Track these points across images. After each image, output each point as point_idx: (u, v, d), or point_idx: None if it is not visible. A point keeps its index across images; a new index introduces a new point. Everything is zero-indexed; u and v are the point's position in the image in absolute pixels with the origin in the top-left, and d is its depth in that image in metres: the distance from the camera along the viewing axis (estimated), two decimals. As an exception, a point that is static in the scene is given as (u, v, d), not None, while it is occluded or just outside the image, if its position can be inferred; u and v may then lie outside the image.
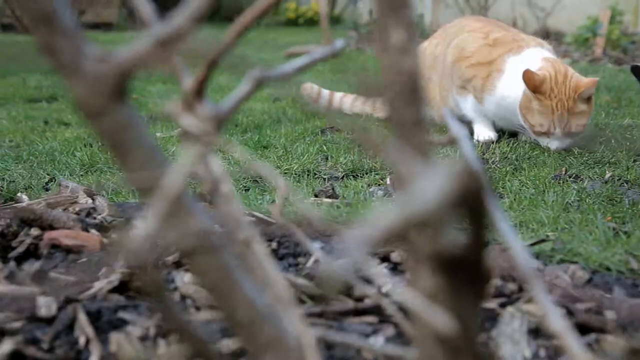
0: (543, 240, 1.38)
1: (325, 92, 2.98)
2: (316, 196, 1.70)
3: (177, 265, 1.22)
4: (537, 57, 2.24)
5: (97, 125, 0.58)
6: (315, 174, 2.02)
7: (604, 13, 5.17)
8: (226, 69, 0.64)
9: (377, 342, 1.05)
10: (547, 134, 2.18)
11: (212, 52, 0.76)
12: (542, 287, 0.67)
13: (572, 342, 0.63)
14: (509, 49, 2.28)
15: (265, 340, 0.60)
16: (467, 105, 2.40)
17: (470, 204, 0.44)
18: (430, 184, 0.37)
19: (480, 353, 0.54)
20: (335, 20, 10.91)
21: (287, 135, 2.50)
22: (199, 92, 0.75)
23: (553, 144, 2.19)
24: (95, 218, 1.42)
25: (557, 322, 0.65)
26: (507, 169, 2.03)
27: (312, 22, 11.10)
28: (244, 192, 1.83)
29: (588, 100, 2.17)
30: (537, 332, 1.11)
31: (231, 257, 0.62)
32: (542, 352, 1.05)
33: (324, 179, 1.98)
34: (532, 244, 1.37)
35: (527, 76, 2.11)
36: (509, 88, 2.24)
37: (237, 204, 0.69)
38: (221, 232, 0.62)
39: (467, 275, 0.52)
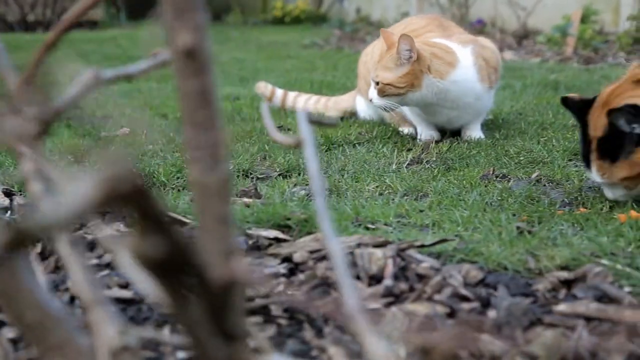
0: (444, 240, 1.40)
1: (279, 92, 2.99)
2: (237, 196, 1.72)
3: None
4: None
5: None
6: (250, 173, 2.04)
7: (575, 13, 5.18)
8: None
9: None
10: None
11: (36, 52, 0.77)
12: (352, 288, 0.69)
13: (372, 343, 0.64)
14: None
15: (55, 342, 0.61)
16: (405, 107, 2.42)
17: (132, 204, 0.45)
18: (77, 189, 0.38)
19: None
20: (321, 19, 10.91)
21: (234, 134, 2.51)
22: (25, 92, 0.76)
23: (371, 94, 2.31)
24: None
25: (361, 324, 0.67)
26: (440, 168, 2.04)
27: (298, 20, 11.08)
28: (176, 191, 1.84)
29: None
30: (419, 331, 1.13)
31: (25, 260, 0.63)
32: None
33: (258, 178, 2.00)
34: (433, 244, 1.38)
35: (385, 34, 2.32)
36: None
37: (48, 203, 0.70)
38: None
39: (179, 278, 0.53)
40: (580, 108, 1.69)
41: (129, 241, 0.48)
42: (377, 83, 2.27)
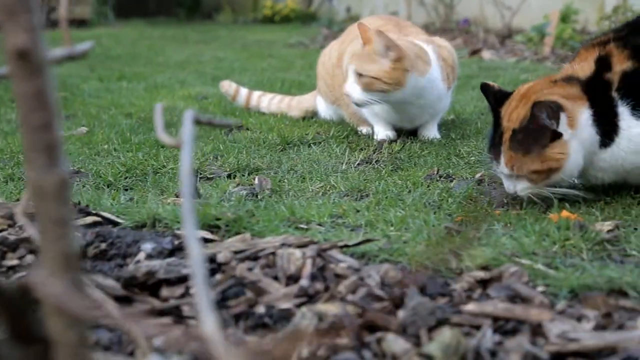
0: (369, 240, 1.41)
1: (244, 91, 3.00)
2: (177, 196, 1.72)
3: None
4: None
5: None
6: (199, 173, 2.04)
7: (553, 13, 5.19)
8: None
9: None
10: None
11: None
12: (206, 293, 0.69)
13: (219, 346, 0.65)
14: None
15: None
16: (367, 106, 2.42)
17: None
18: None
19: None
20: (310, 18, 10.91)
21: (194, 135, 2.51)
22: None
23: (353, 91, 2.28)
24: None
25: (209, 326, 0.68)
26: (388, 168, 2.05)
27: (287, 19, 11.09)
28: (117, 191, 1.85)
29: (397, 61, 2.23)
30: (327, 331, 1.14)
31: None
32: (321, 351, 1.07)
33: (208, 178, 2.01)
34: (357, 244, 1.39)
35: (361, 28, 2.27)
36: None
37: None
38: None
39: None
40: (496, 98, 1.71)
41: None
42: (360, 75, 2.25)
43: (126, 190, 1.89)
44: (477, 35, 6.83)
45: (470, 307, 1.17)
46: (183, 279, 1.25)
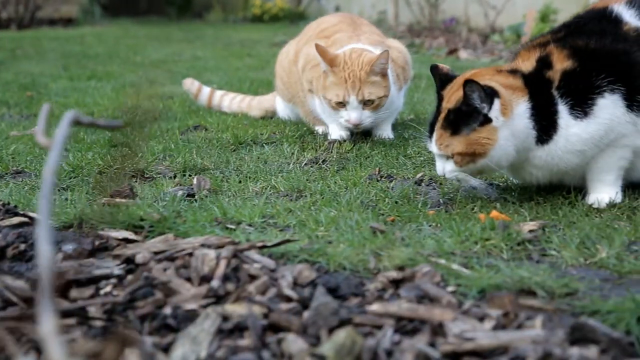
0: (288, 241, 1.41)
1: (206, 89, 3.00)
2: (111, 196, 1.72)
3: None
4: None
5: None
6: (144, 173, 2.04)
7: (529, 12, 5.20)
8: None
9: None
10: (342, 103, 2.25)
11: None
12: (48, 297, 0.70)
13: (54, 349, 0.65)
14: (340, 47, 2.32)
15: None
16: (317, 106, 2.43)
17: None
18: None
19: None
20: (299, 17, 10.90)
21: (149, 134, 2.51)
22: None
23: (352, 115, 2.25)
24: None
25: (46, 328, 0.68)
26: (334, 168, 2.05)
27: (277, 18, 11.09)
28: (58, 190, 1.85)
29: (384, 76, 2.26)
30: (232, 331, 1.14)
31: None
32: (221, 352, 1.07)
33: (154, 178, 2.01)
34: (276, 244, 1.39)
35: (320, 50, 2.24)
36: None
37: None
38: None
39: None
40: (442, 80, 1.72)
41: None
42: (372, 102, 2.27)
43: (66, 190, 1.88)
44: (460, 34, 6.84)
45: (375, 307, 1.18)
46: (94, 280, 1.26)
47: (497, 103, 1.60)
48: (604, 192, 1.66)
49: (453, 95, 1.65)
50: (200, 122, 2.72)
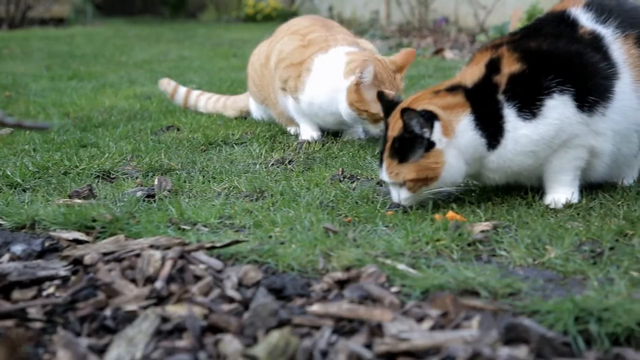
0: (237, 242, 1.41)
1: (182, 89, 3.00)
2: (70, 197, 1.72)
3: None
4: (341, 53, 2.29)
5: None
6: (110, 173, 2.04)
7: (515, 12, 5.20)
8: None
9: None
10: None
11: None
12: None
13: None
14: (319, 49, 2.32)
15: None
16: (289, 106, 2.43)
17: None
18: None
19: None
20: (292, 16, 10.88)
21: (121, 135, 2.51)
22: None
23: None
24: None
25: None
26: (300, 168, 2.05)
27: (269, 18, 11.10)
28: (20, 192, 1.85)
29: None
30: (171, 332, 1.14)
31: None
32: (156, 353, 1.07)
33: (119, 178, 2.00)
34: (225, 245, 1.39)
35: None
36: (317, 85, 2.27)
37: None
38: None
39: None
40: (387, 108, 1.71)
41: None
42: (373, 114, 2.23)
43: (29, 191, 1.88)
44: (449, 35, 6.84)
45: (315, 308, 1.18)
46: (37, 282, 1.25)
47: (437, 126, 1.60)
48: (561, 192, 1.66)
49: (396, 124, 1.64)
50: (174, 122, 2.71)
